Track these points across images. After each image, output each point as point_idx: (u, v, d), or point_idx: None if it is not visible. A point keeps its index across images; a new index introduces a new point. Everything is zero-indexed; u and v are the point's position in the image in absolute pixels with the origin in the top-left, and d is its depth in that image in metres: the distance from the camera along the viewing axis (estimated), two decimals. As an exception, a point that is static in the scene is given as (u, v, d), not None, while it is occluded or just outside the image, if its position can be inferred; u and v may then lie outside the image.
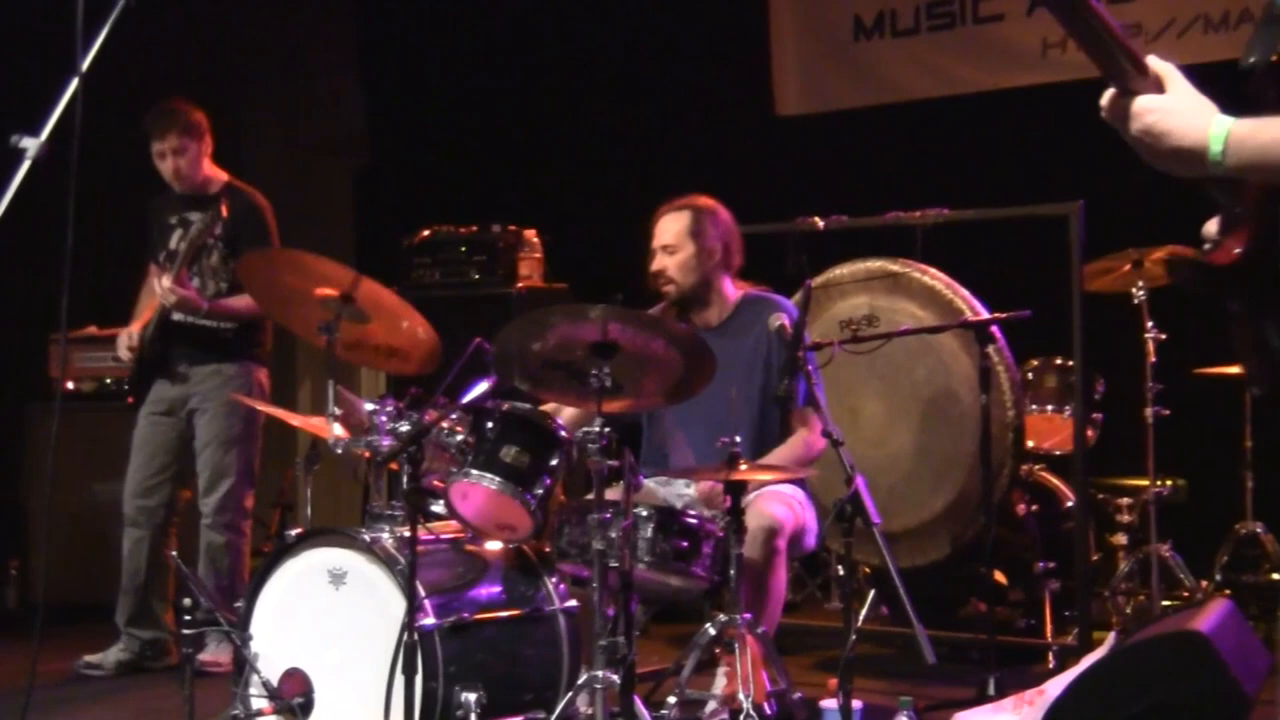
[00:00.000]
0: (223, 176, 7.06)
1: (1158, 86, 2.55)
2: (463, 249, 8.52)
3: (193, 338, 6.95)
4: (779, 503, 5.55)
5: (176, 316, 6.86)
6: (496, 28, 10.21)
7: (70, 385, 7.36)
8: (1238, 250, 2.70)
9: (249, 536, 7.14)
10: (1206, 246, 2.77)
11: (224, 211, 6.75)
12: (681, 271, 5.92)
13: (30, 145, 3.01)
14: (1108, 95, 2.56)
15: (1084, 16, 2.46)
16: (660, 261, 5.95)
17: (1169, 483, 7.30)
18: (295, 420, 5.93)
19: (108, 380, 7.22)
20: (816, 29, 9.77)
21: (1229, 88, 2.56)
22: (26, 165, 3.01)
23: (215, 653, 6.55)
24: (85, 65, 3.11)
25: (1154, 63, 2.55)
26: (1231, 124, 2.49)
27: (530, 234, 8.58)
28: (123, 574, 7.00)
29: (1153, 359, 7.13)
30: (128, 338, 6.96)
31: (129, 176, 7.18)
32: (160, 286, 6.75)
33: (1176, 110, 2.53)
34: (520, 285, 8.37)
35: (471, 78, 10.29)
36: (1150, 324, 7.14)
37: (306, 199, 10.34)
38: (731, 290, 6.03)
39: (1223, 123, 2.49)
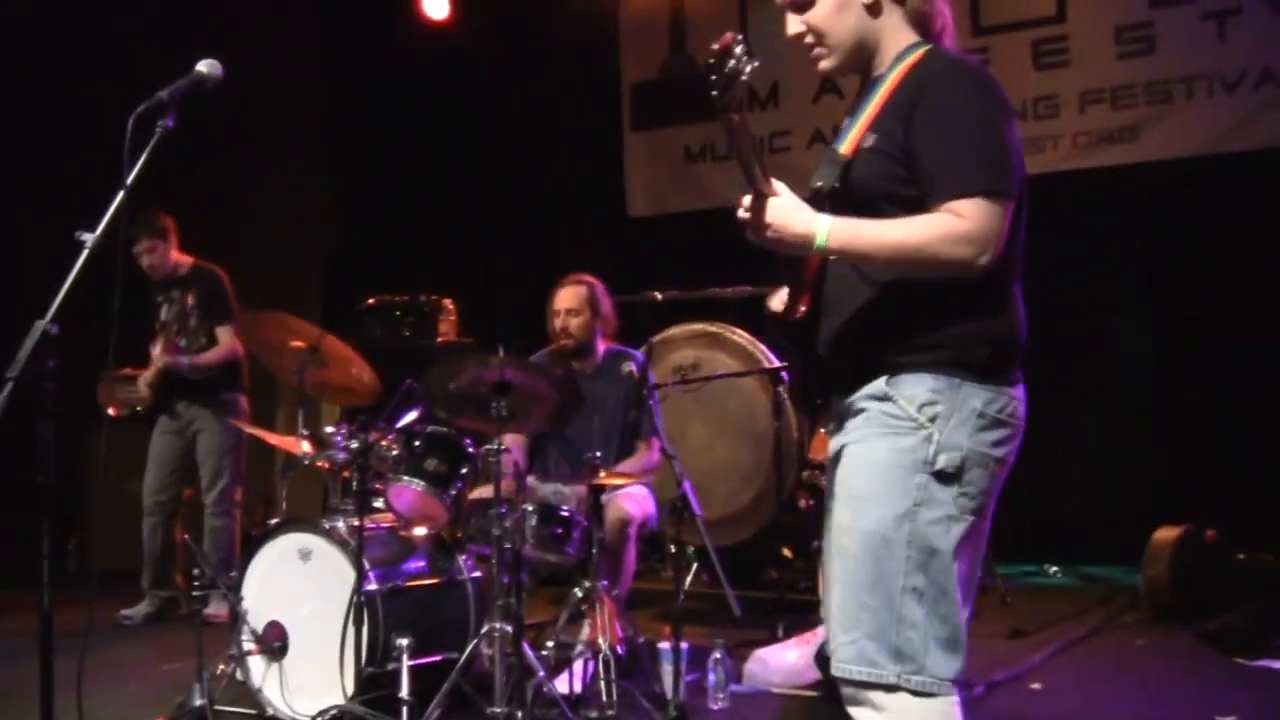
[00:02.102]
0: (189, 260, 7.11)
1: (777, 193, 2.67)
2: (398, 312, 8.47)
3: (189, 386, 7.00)
4: (631, 500, 5.60)
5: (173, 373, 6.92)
6: (430, 146, 10.20)
7: (112, 412, 7.38)
8: (804, 309, 2.87)
9: (240, 522, 7.14)
10: (778, 308, 2.92)
11: (193, 293, 6.92)
12: (580, 330, 5.95)
13: (89, 239, 3.03)
14: (748, 198, 2.66)
15: (742, 140, 2.59)
16: (564, 321, 5.96)
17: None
18: (273, 439, 5.88)
19: (138, 409, 7.23)
20: (658, 153, 9.83)
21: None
22: (85, 254, 3.03)
23: (216, 608, 6.47)
24: (130, 179, 3.12)
25: (774, 181, 2.68)
26: (831, 221, 2.65)
27: (448, 301, 8.55)
28: (144, 551, 7.02)
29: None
30: (144, 380, 6.98)
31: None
32: (154, 354, 6.90)
33: (797, 207, 2.67)
34: (440, 339, 8.35)
35: (409, 185, 10.28)
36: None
37: (286, 273, 10.26)
38: (602, 345, 6.07)
39: (825, 219, 2.65)
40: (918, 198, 2.68)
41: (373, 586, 4.87)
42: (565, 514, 5.20)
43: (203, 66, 3.33)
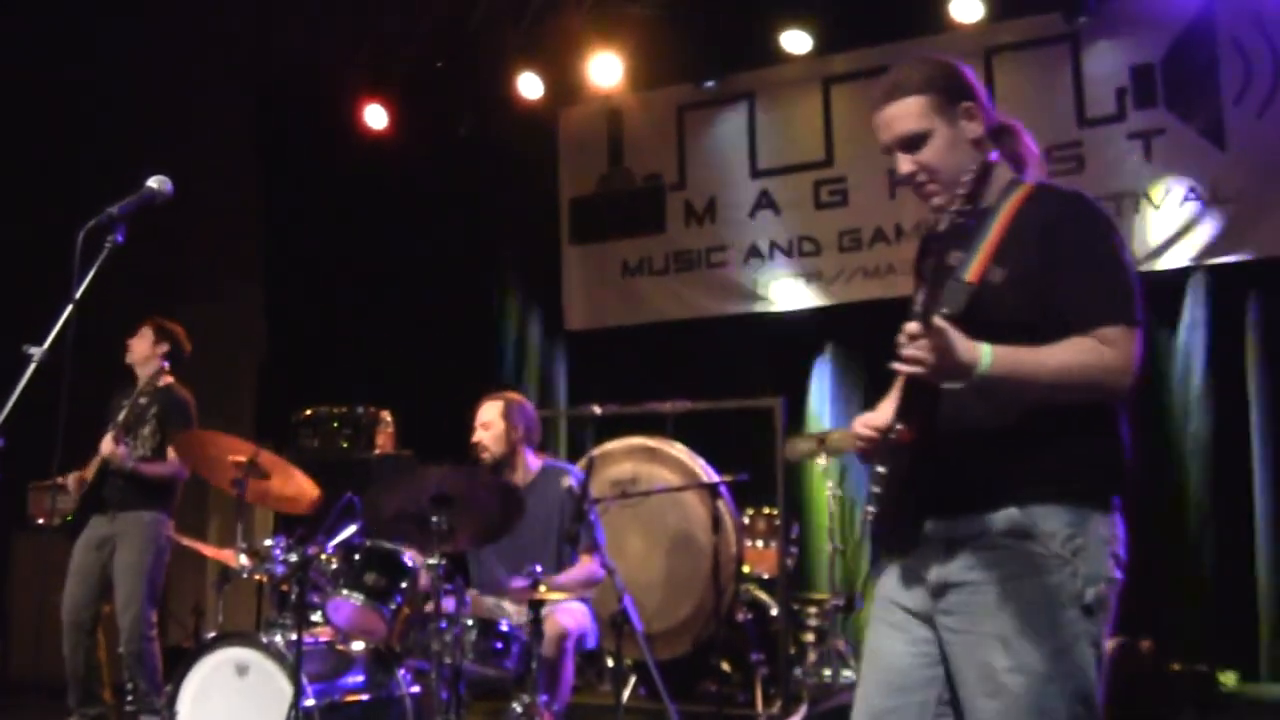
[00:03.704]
0: (169, 379, 7.05)
1: (944, 324, 2.69)
2: (336, 424, 8.49)
3: (123, 484, 6.88)
4: (568, 615, 5.59)
5: (114, 466, 6.82)
6: (366, 257, 10.24)
7: (41, 521, 7.32)
8: (914, 431, 2.87)
9: (157, 640, 6.92)
10: (866, 431, 2.97)
11: (157, 405, 6.85)
12: (495, 443, 5.96)
13: (36, 352, 3.07)
14: (915, 325, 2.66)
15: (941, 279, 2.73)
16: (479, 435, 6.00)
17: (844, 597, 7.38)
18: (209, 551, 5.87)
19: (69, 518, 7.15)
20: (596, 267, 9.89)
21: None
22: (32, 366, 3.07)
23: (148, 726, 6.40)
24: (78, 294, 3.17)
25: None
26: (992, 349, 2.71)
27: (385, 413, 8.57)
28: (67, 670, 6.84)
29: (831, 509, 7.26)
30: (76, 479, 6.90)
31: (97, 371, 7.14)
32: (104, 442, 6.74)
33: (960, 336, 2.69)
34: (377, 452, 8.35)
35: (345, 297, 10.32)
36: (830, 484, 7.26)
37: (223, 384, 10.24)
38: (534, 460, 6.07)
39: (986, 348, 2.71)
40: (1043, 327, 2.81)
41: (310, 702, 4.84)
42: (504, 629, 5.20)
43: (153, 183, 3.40)
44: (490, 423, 5.99)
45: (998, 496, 2.84)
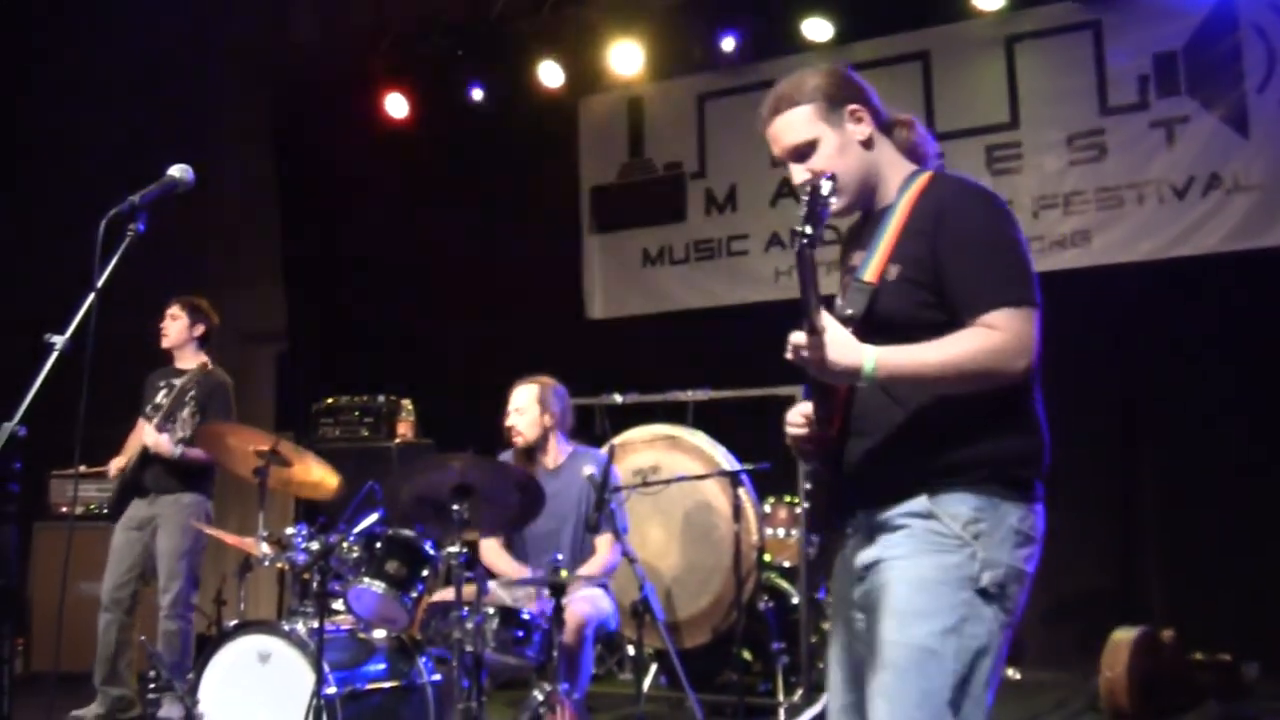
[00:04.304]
0: (204, 360, 7.10)
1: (826, 327, 2.74)
2: (356, 413, 8.50)
3: (162, 469, 6.92)
4: (587, 602, 5.60)
5: (152, 452, 6.86)
6: (387, 245, 10.26)
7: (64, 509, 7.33)
8: (834, 430, 2.97)
9: (194, 623, 7.03)
10: (798, 420, 3.05)
11: (196, 389, 6.90)
12: (529, 427, 5.99)
13: (58, 341, 3.07)
14: (800, 334, 2.74)
15: (810, 273, 2.68)
16: (513, 419, 6.02)
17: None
18: (231, 540, 5.88)
19: (92, 506, 7.17)
20: (616, 257, 9.90)
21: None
22: (54, 355, 3.07)
23: (169, 711, 6.41)
24: (100, 282, 3.17)
25: (823, 313, 2.74)
26: (876, 351, 2.75)
27: (405, 402, 8.58)
28: (98, 646, 6.89)
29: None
30: (117, 467, 6.95)
31: (118, 360, 7.18)
32: (146, 432, 6.79)
33: (845, 341, 2.75)
34: (398, 440, 8.36)
35: (365, 286, 10.33)
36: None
37: (243, 374, 10.24)
38: (564, 444, 6.09)
39: (871, 350, 2.75)
40: (946, 321, 2.83)
41: (332, 690, 4.85)
42: (526, 617, 5.20)
43: (175, 171, 3.40)
44: (525, 408, 6.01)
45: (911, 487, 2.87)
